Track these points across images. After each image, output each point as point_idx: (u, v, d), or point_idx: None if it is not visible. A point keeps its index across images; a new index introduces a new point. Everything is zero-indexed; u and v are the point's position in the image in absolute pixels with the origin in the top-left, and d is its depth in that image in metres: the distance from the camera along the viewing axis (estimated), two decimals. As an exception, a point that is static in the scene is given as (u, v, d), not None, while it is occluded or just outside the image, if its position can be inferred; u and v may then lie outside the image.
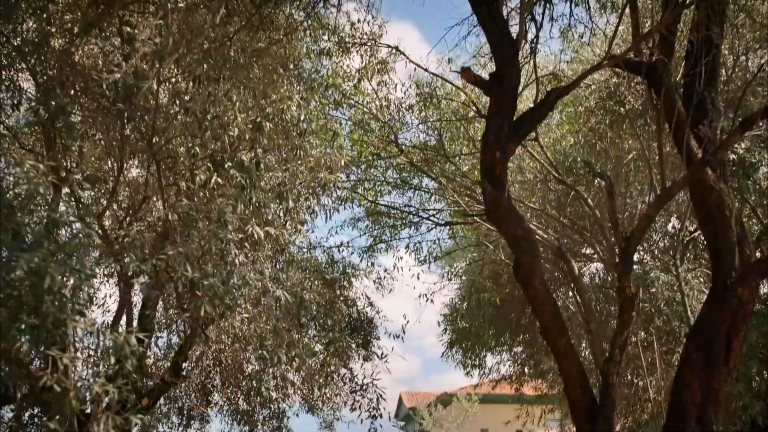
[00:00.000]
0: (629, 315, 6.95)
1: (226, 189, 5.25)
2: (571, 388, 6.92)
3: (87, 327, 3.65)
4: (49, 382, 3.48)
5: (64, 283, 3.71)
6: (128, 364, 3.98)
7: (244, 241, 5.35)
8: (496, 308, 9.75)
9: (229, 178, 5.38)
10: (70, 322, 3.57)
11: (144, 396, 6.75)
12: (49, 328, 3.51)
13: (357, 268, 9.89)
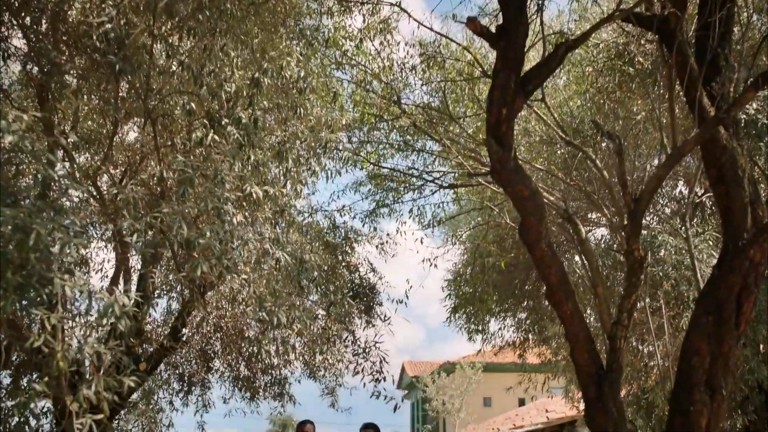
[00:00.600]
0: (638, 278, 6.79)
1: (223, 147, 5.07)
2: (578, 353, 6.79)
3: (76, 286, 3.48)
4: (36, 343, 3.33)
5: (52, 241, 3.55)
6: (121, 324, 3.82)
7: (242, 200, 5.18)
8: (500, 273, 9.58)
9: (226, 135, 5.20)
10: (58, 280, 3.41)
11: (142, 361, 6.63)
12: (36, 286, 3.35)
13: (359, 233, 9.75)
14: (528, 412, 21.42)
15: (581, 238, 7.55)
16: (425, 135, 8.96)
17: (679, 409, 6.61)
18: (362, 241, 9.71)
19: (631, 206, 6.75)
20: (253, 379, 9.06)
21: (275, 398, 9.13)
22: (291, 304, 5.11)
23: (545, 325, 10.65)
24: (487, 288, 9.46)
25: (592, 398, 6.73)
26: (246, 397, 9.15)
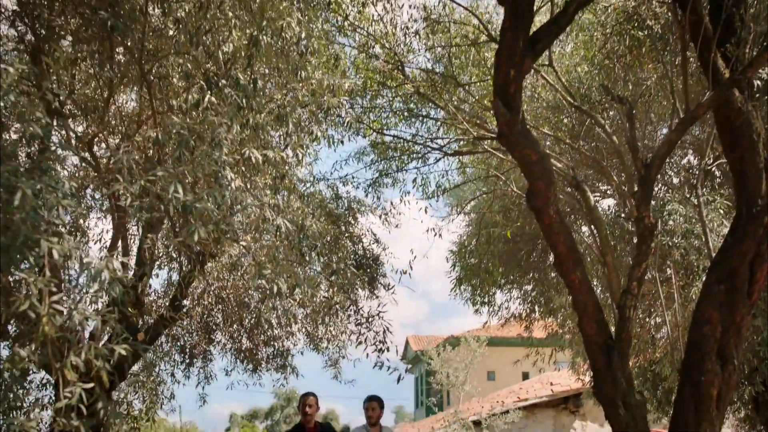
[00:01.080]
0: (648, 246, 6.62)
1: (221, 109, 4.88)
2: (586, 323, 6.64)
3: (64, 249, 3.32)
4: (21, 307, 3.17)
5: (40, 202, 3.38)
6: (114, 291, 3.67)
7: (241, 164, 5.00)
8: (506, 243, 9.40)
9: (223, 97, 5.01)
10: (45, 243, 3.24)
11: (140, 331, 6.50)
12: (21, 249, 3.19)
13: (362, 203, 9.58)
14: (532, 386, 21.39)
15: (590, 205, 7.36)
16: (429, 102, 8.74)
17: (690, 379, 6.48)
18: (365, 211, 9.54)
19: (641, 172, 6.56)
20: (256, 351, 8.95)
21: (278, 370, 9.02)
22: (292, 272, 4.96)
23: (551, 296, 10.49)
24: (492, 259, 9.28)
25: (600, 369, 6.60)
26: (248, 369, 9.04)
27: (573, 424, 19.34)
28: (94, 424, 3.63)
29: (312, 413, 8.50)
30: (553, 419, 19.41)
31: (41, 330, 3.19)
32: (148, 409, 8.16)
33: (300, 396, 8.62)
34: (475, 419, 17.76)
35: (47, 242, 3.28)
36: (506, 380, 29.54)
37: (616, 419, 6.51)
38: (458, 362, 18.54)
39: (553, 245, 6.46)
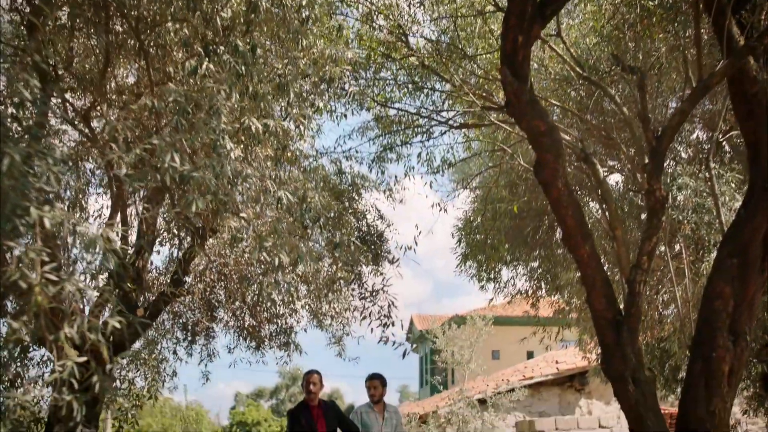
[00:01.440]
0: (659, 219, 6.47)
1: (220, 76, 4.72)
2: (595, 298, 6.50)
3: (55, 218, 3.18)
4: (12, 277, 3.04)
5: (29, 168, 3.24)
6: (109, 262, 3.53)
7: (240, 134, 4.85)
8: (513, 218, 9.24)
9: (222, 64, 4.85)
10: (35, 211, 3.11)
11: (140, 306, 6.38)
12: (10, 217, 3.06)
13: (366, 179, 9.42)
14: (537, 364, 21.33)
15: (599, 178, 7.20)
16: (435, 75, 8.55)
17: (700, 354, 6.35)
18: (369, 187, 9.38)
19: (652, 143, 6.39)
20: (259, 329, 8.85)
21: (281, 348, 8.93)
22: (294, 245, 4.82)
23: (558, 273, 10.35)
24: (498, 235, 9.12)
25: (609, 344, 6.47)
26: (251, 346, 8.95)
27: (578, 403, 19.30)
28: (89, 399, 3.51)
29: (316, 391, 8.41)
30: (559, 397, 19.37)
31: (33, 301, 3.06)
32: (150, 386, 8.07)
33: (304, 374, 8.53)
34: (480, 397, 17.71)
35: (37, 210, 3.14)
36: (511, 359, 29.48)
37: (625, 396, 6.39)
38: (463, 340, 18.46)
39: (562, 219, 6.31)
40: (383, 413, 8.89)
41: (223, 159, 4.39)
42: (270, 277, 4.75)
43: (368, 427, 8.75)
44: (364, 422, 8.76)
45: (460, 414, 16.44)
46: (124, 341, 6.96)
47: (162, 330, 8.74)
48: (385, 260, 8.19)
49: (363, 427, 8.74)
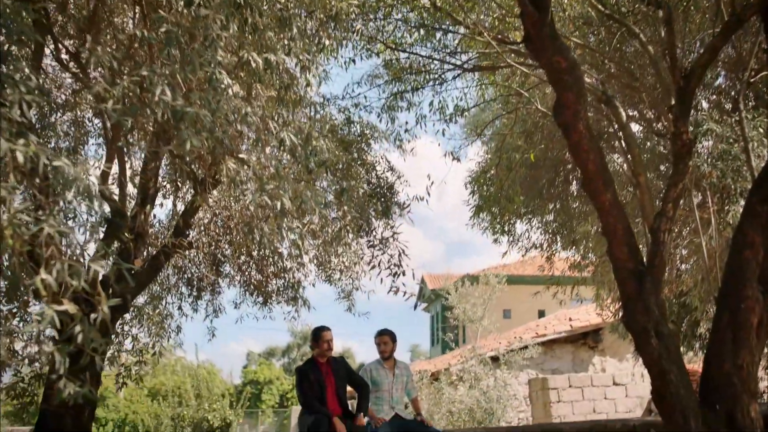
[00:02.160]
0: (685, 164, 6.10)
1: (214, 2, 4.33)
2: (616, 248, 6.17)
3: (29, 151, 2.86)
4: (-21, 216, 2.74)
5: (2, 99, 2.92)
6: (96, 204, 3.22)
7: (239, 69, 4.50)
8: (529, 168, 8.85)
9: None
10: (5, 143, 2.79)
11: (137, 257, 6.10)
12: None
13: (375, 129, 9.04)
14: (550, 322, 21.11)
15: (621, 122, 6.81)
16: (448, 17, 8.09)
17: (728, 306, 6.03)
18: (379, 137, 9.00)
19: (680, 83, 6.00)
20: (265, 283, 8.58)
21: (288, 303, 8.66)
22: (297, 189, 4.50)
23: (573, 227, 9.99)
24: (513, 185, 8.73)
25: (631, 296, 6.15)
26: (258, 302, 8.69)
27: (592, 360, 19.10)
28: (73, 350, 3.23)
29: (332, 347, 8.15)
30: (572, 355, 19.17)
31: (5, 242, 2.76)
32: (154, 342, 7.85)
33: (315, 330, 8.27)
34: (492, 355, 17.53)
35: (8, 143, 2.83)
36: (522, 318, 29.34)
37: (647, 350, 6.09)
38: (476, 297, 18.23)
39: (582, 164, 5.95)
40: (394, 370, 8.67)
41: (219, 95, 4.05)
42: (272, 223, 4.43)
43: (378, 383, 8.54)
44: (374, 379, 8.54)
45: (472, 371, 16.26)
46: (126, 295, 6.71)
47: (167, 285, 8.49)
48: (396, 207, 7.81)
49: (373, 384, 8.52)
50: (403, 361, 8.98)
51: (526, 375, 18.34)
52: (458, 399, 15.42)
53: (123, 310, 6.82)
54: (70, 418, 6.25)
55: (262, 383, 43.41)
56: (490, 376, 16.41)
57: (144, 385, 36.05)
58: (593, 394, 16.43)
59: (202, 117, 3.83)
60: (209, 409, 22.22)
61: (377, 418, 8.21)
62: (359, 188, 6.17)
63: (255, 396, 41.82)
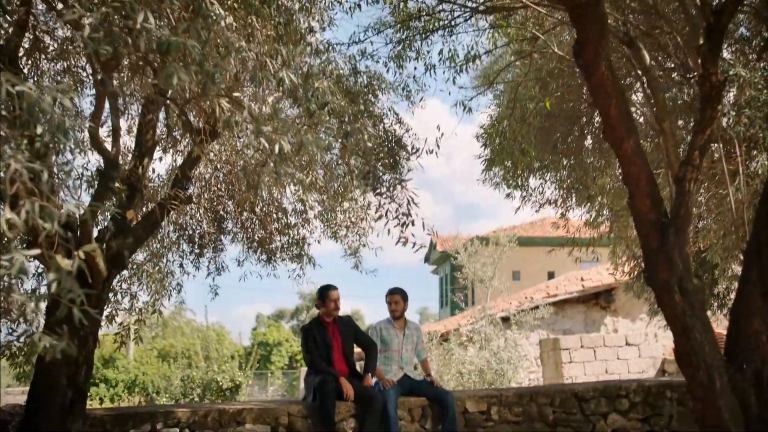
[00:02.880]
0: (714, 109, 5.71)
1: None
2: (638, 198, 5.81)
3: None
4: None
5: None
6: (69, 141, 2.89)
7: (233, 0, 4.12)
8: (543, 119, 8.41)
9: None
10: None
11: (130, 208, 5.77)
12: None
13: (382, 79, 8.61)
14: (561, 283, 20.82)
15: (645, 65, 6.39)
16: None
17: (757, 261, 5.71)
18: (386, 89, 8.58)
19: (710, 19, 5.57)
20: (269, 240, 8.27)
21: (293, 260, 8.36)
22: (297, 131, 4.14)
23: (588, 183, 9.58)
24: (527, 137, 8.30)
25: (653, 250, 5.81)
26: (262, 259, 8.39)
27: (604, 321, 18.85)
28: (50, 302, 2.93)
29: (338, 308, 7.90)
30: (584, 315, 18.92)
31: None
32: (154, 301, 7.58)
33: (320, 288, 8.00)
34: (503, 315, 17.30)
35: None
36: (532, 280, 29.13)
37: (670, 306, 5.77)
38: (486, 257, 17.93)
39: (604, 108, 5.57)
40: (404, 330, 8.42)
41: (210, 25, 3.68)
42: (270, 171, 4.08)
43: (388, 343, 8.30)
44: (383, 338, 8.30)
45: (482, 332, 16.04)
46: (123, 251, 6.41)
47: (167, 242, 8.18)
48: (404, 153, 7.41)
49: (382, 343, 8.28)
50: (413, 321, 8.72)
51: (537, 335, 18.13)
52: (468, 360, 15.22)
53: (120, 267, 6.52)
54: (65, 377, 6.00)
55: (272, 345, 43.60)
56: (501, 337, 16.19)
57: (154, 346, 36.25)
58: (605, 354, 16.21)
59: (190, 48, 3.47)
60: (218, 370, 22.13)
61: (386, 378, 7.98)
62: (364, 132, 5.75)
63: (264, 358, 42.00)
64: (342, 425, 7.55)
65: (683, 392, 8.91)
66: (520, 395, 8.36)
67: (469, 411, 8.12)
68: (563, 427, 8.40)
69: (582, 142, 9.61)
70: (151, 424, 7.03)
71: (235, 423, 7.33)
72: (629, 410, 8.68)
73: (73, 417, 6.08)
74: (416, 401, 7.94)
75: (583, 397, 8.59)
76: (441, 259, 39.19)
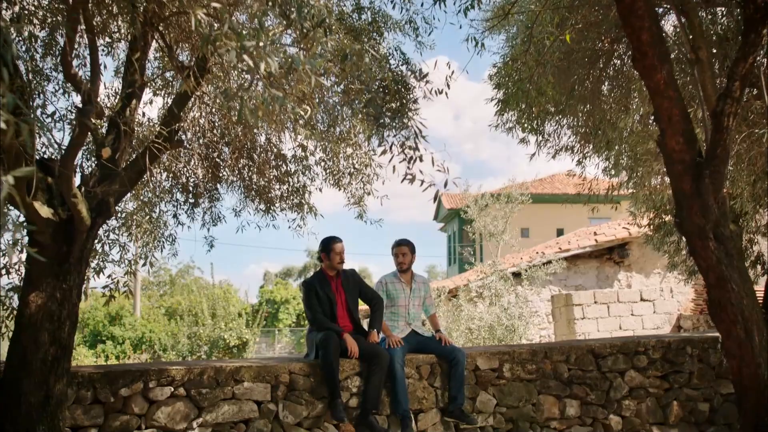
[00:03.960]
0: (758, 35, 5.10)
1: None
2: (670, 136, 5.25)
3: None
4: None
5: None
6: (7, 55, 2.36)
7: None
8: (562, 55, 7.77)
9: None
10: None
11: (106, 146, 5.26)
12: None
13: (389, 17, 8.00)
14: (573, 238, 20.30)
15: (679, -14, 5.78)
16: None
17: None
18: (392, 27, 7.97)
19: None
20: (268, 189, 7.76)
21: (292, 209, 7.85)
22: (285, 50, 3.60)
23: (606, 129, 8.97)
24: (544, 74, 7.65)
25: (686, 193, 5.27)
26: (260, 209, 7.88)
27: (617, 276, 18.37)
28: None
29: (343, 261, 7.49)
30: (597, 270, 18.44)
31: None
32: (145, 252, 7.12)
33: (323, 240, 7.55)
34: (514, 270, 16.82)
35: None
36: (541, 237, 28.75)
37: (704, 254, 5.25)
38: (497, 210, 17.40)
39: (635, 33, 4.97)
40: (411, 284, 7.96)
41: None
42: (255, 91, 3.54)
43: (394, 298, 7.86)
44: (389, 293, 7.86)
45: (492, 287, 15.58)
46: (108, 198, 5.92)
47: (160, 192, 7.68)
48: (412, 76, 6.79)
49: (388, 298, 7.84)
50: (421, 274, 8.25)
51: (548, 291, 17.70)
52: (478, 316, 14.81)
53: (106, 215, 6.03)
54: (48, 333, 5.58)
55: (279, 303, 43.51)
56: (511, 293, 15.74)
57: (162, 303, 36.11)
58: (619, 310, 15.78)
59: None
60: (225, 328, 21.93)
61: (392, 335, 7.55)
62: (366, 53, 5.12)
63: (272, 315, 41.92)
64: (346, 383, 7.16)
65: (704, 348, 8.53)
66: (533, 352, 7.95)
67: (480, 368, 7.72)
68: (579, 384, 8.02)
69: (600, 86, 8.99)
70: (143, 382, 6.63)
71: (233, 381, 6.93)
72: (648, 367, 8.30)
73: (56, 375, 5.68)
74: (424, 358, 7.53)
75: (599, 354, 8.19)
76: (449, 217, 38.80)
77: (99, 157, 5.08)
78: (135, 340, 28.63)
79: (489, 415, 7.64)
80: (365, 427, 7.03)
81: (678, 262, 10.34)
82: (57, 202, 5.66)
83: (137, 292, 33.01)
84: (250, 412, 6.92)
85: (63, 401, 5.74)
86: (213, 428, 6.80)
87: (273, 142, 7.29)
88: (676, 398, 8.33)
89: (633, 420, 8.16)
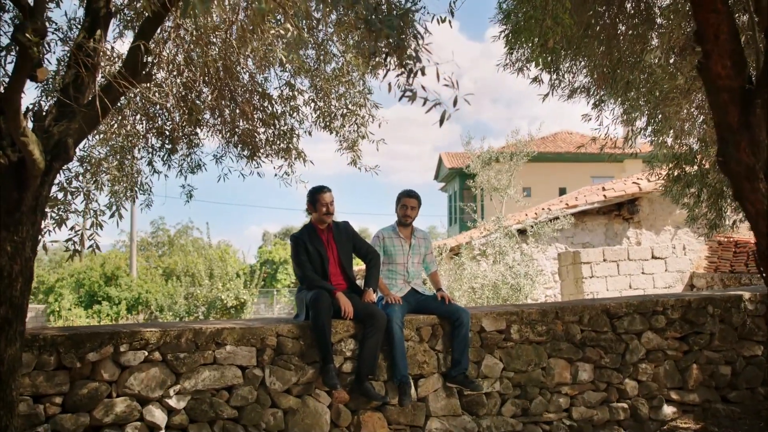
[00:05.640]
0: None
1: None
2: (716, 58, 4.47)
3: None
4: None
5: None
6: None
7: None
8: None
9: None
10: None
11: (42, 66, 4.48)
12: None
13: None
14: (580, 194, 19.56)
15: None
16: None
17: None
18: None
19: None
20: (252, 133, 7.00)
21: (279, 155, 7.10)
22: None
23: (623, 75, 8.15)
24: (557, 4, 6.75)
25: (733, 126, 4.50)
26: (243, 155, 7.13)
27: (626, 233, 17.66)
28: None
29: (331, 213, 6.81)
30: (605, 227, 17.73)
31: None
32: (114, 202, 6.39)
33: (310, 191, 6.85)
34: (519, 227, 16.11)
35: None
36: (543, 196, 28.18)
37: (754, 198, 4.51)
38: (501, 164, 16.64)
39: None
40: (410, 239, 7.26)
41: None
42: None
43: (392, 254, 7.18)
44: (386, 248, 7.17)
45: (496, 245, 14.88)
46: (66, 139, 5.18)
47: (133, 136, 6.92)
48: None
49: (385, 254, 7.16)
50: (421, 229, 7.54)
51: (554, 250, 17.04)
52: (481, 274, 14.14)
53: (64, 158, 5.28)
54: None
55: (278, 263, 43.05)
56: (516, 250, 15.05)
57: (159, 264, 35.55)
58: (629, 268, 15.12)
59: None
60: (223, 288, 21.40)
61: (390, 293, 6.87)
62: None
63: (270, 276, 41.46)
64: (339, 347, 6.53)
65: (727, 308, 7.97)
66: (543, 312, 7.31)
67: (486, 330, 7.08)
68: (592, 347, 7.45)
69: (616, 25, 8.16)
70: (114, 346, 5.97)
71: (214, 344, 6.28)
72: (666, 328, 7.74)
73: (7, 338, 5.00)
74: (425, 319, 6.89)
75: (615, 314, 7.60)
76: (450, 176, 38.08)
77: (34, 78, 4.32)
78: (131, 301, 28.15)
79: (495, 380, 7.05)
80: (360, 394, 6.44)
81: (698, 215, 9.60)
82: (6, 142, 4.95)
83: (133, 252, 32.41)
84: (234, 378, 6.28)
85: (16, 367, 5.07)
86: (192, 396, 6.18)
87: (258, 81, 6.51)
88: (695, 361, 7.79)
89: (650, 384, 7.60)
